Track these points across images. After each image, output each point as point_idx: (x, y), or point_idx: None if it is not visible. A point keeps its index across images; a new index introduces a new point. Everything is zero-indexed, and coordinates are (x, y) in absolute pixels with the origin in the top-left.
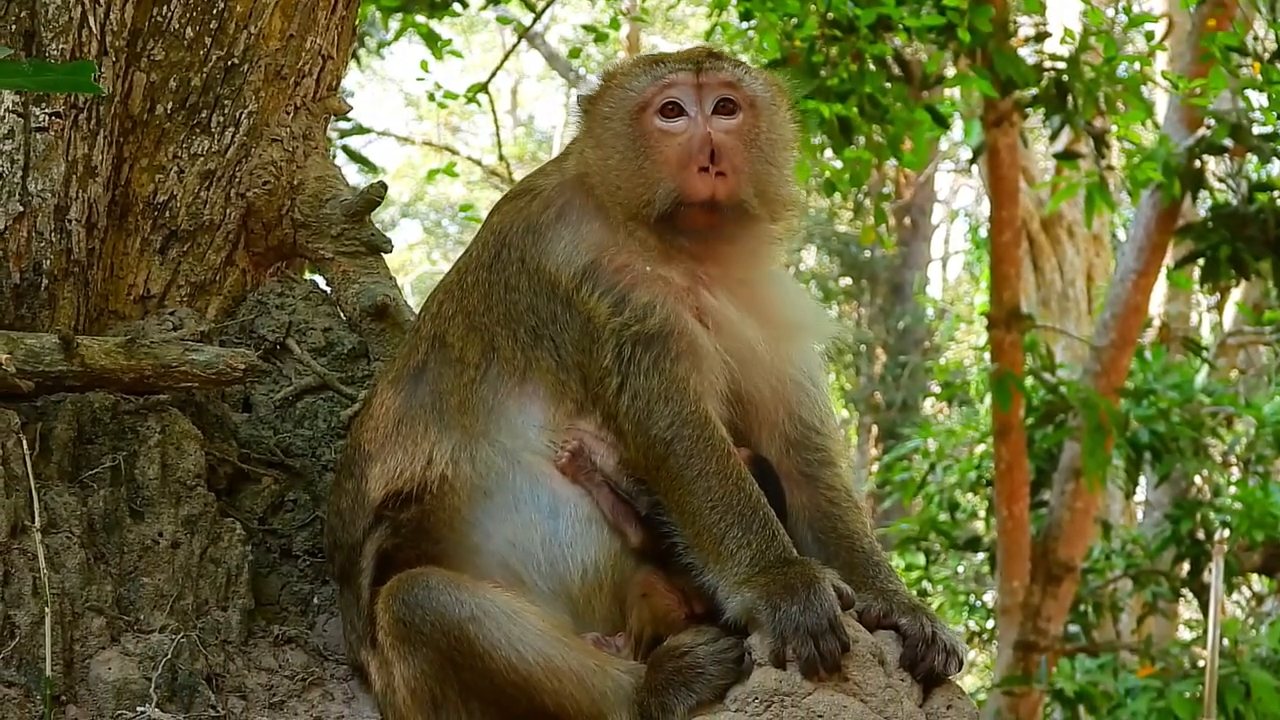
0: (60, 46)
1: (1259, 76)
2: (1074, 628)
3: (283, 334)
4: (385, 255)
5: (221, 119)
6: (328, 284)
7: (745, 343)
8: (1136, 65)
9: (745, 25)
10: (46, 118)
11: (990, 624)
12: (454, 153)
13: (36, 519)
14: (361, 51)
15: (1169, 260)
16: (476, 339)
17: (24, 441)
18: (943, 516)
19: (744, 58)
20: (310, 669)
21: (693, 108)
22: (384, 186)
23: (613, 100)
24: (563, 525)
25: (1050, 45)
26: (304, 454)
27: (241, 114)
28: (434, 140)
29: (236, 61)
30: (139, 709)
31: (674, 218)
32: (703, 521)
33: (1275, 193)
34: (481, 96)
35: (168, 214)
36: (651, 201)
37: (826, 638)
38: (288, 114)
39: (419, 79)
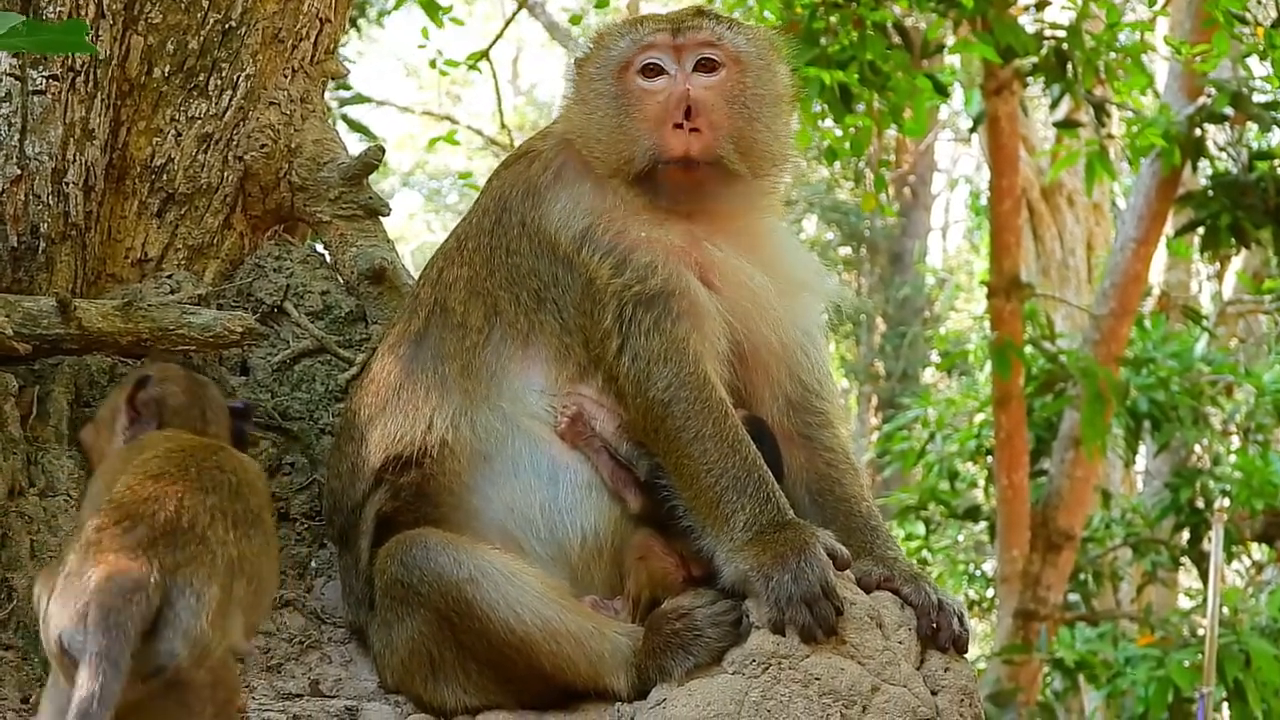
0: (57, 9)
1: (1261, 42)
2: (1074, 596)
3: (280, 297)
4: (383, 220)
5: (219, 82)
6: (325, 247)
7: (750, 292)
8: (1137, 34)
9: None
10: (44, 81)
11: (990, 593)
12: (454, 122)
13: (33, 482)
14: (362, 21)
15: (1169, 229)
16: (479, 303)
17: (20, 404)
18: (942, 485)
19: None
20: (308, 632)
21: (672, 66)
22: (382, 150)
23: (598, 61)
24: (562, 491)
25: (1050, 13)
26: (301, 417)
27: (239, 77)
28: (434, 110)
29: (234, 24)
30: None
31: (653, 176)
32: (699, 484)
33: (1275, 161)
34: (483, 65)
35: (165, 177)
36: (631, 159)
37: (820, 603)
38: (285, 77)
39: (420, 46)
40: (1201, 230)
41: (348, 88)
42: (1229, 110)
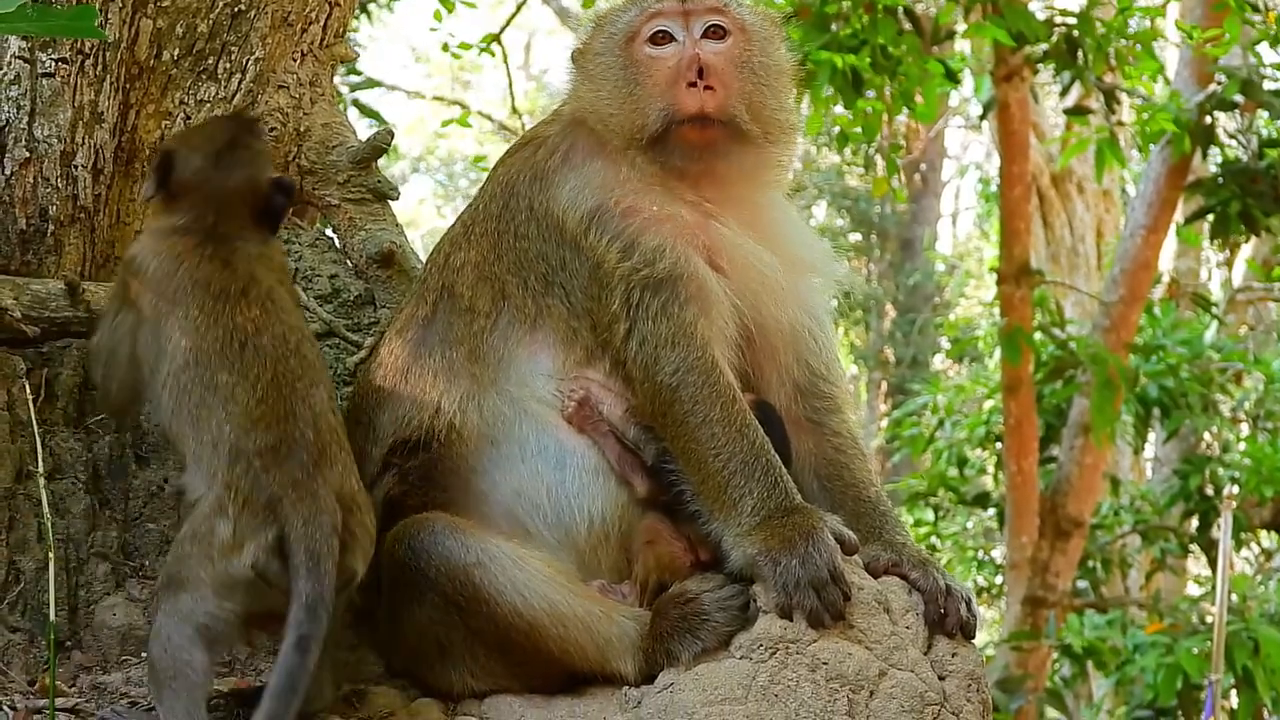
0: None
1: (1273, 28)
2: (1082, 583)
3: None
4: (393, 204)
5: (228, 65)
6: (334, 231)
7: (759, 275)
8: (1148, 20)
9: None
10: (53, 64)
11: (999, 579)
12: (464, 107)
13: (41, 464)
14: (372, 6)
15: (1179, 216)
16: (487, 288)
17: (29, 387)
18: (952, 472)
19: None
20: None
21: (681, 33)
22: (391, 134)
23: (604, 36)
24: (569, 476)
25: (1061, 0)
26: None
27: (248, 60)
28: (445, 95)
29: (243, 8)
30: (143, 654)
31: (668, 138)
32: (707, 469)
33: None
34: (494, 50)
35: None
36: (644, 125)
37: (828, 589)
38: (294, 61)
39: (431, 30)
40: (1211, 217)
41: (358, 73)
42: (1239, 97)
